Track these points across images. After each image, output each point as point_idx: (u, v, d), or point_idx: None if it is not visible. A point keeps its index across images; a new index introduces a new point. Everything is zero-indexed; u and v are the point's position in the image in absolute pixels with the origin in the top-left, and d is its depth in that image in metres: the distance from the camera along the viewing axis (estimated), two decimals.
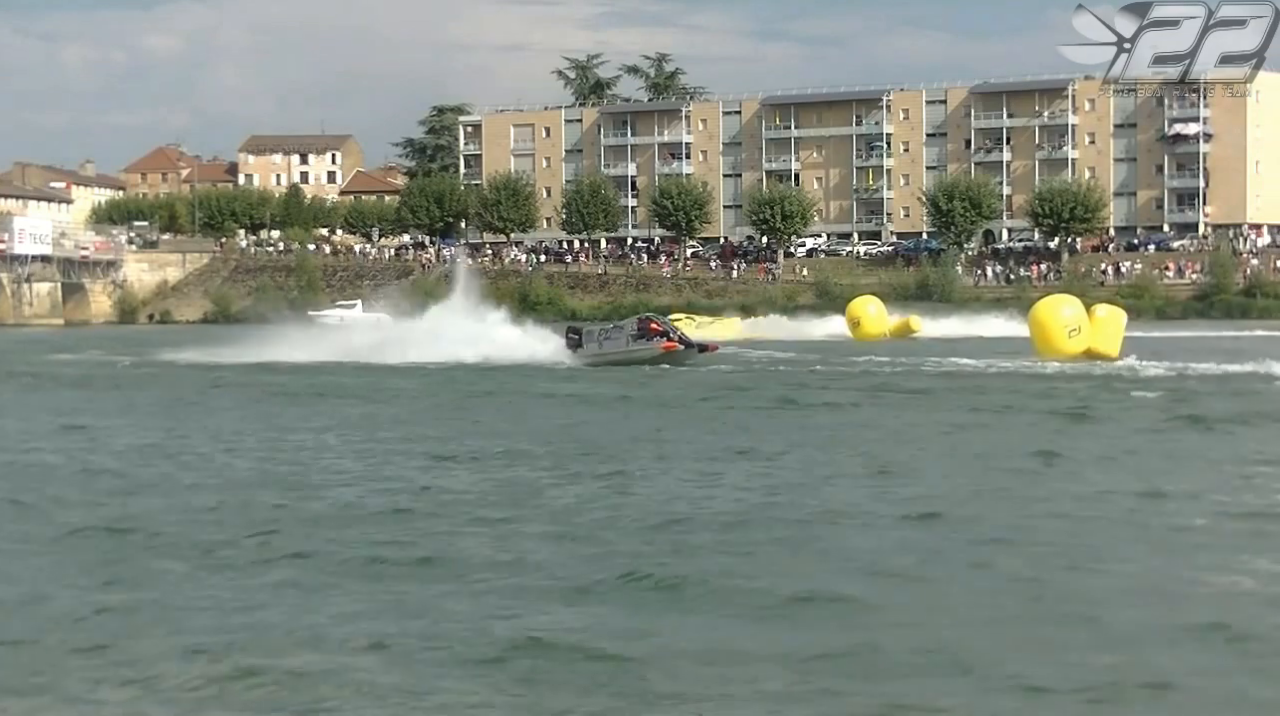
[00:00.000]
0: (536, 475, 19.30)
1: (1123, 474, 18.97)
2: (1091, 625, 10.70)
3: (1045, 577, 12.30)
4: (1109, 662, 9.81)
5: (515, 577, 12.48)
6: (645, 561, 12.95)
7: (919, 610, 11.26)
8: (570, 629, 10.64)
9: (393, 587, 12.14)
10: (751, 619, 11.02)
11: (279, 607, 11.50)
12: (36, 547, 14.46)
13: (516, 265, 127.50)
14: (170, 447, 23.34)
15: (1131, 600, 11.59)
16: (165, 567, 13.24)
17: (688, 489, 17.80)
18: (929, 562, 13.03)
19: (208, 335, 72.23)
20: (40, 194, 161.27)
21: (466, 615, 11.13)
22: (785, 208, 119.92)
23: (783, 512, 15.75)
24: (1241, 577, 12.32)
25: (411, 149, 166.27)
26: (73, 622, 11.24)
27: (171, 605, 11.77)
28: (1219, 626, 10.58)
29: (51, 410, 31.53)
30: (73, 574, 13.11)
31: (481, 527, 15.00)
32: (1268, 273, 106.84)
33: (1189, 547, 13.75)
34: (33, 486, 18.90)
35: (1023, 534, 14.41)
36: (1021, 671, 9.60)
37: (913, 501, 16.46)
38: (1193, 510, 15.80)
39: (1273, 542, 14.06)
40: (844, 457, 21.00)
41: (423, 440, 24.13)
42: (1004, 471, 19.34)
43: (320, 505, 16.76)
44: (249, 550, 13.94)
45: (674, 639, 10.41)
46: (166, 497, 17.61)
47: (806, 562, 13.08)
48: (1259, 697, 9.15)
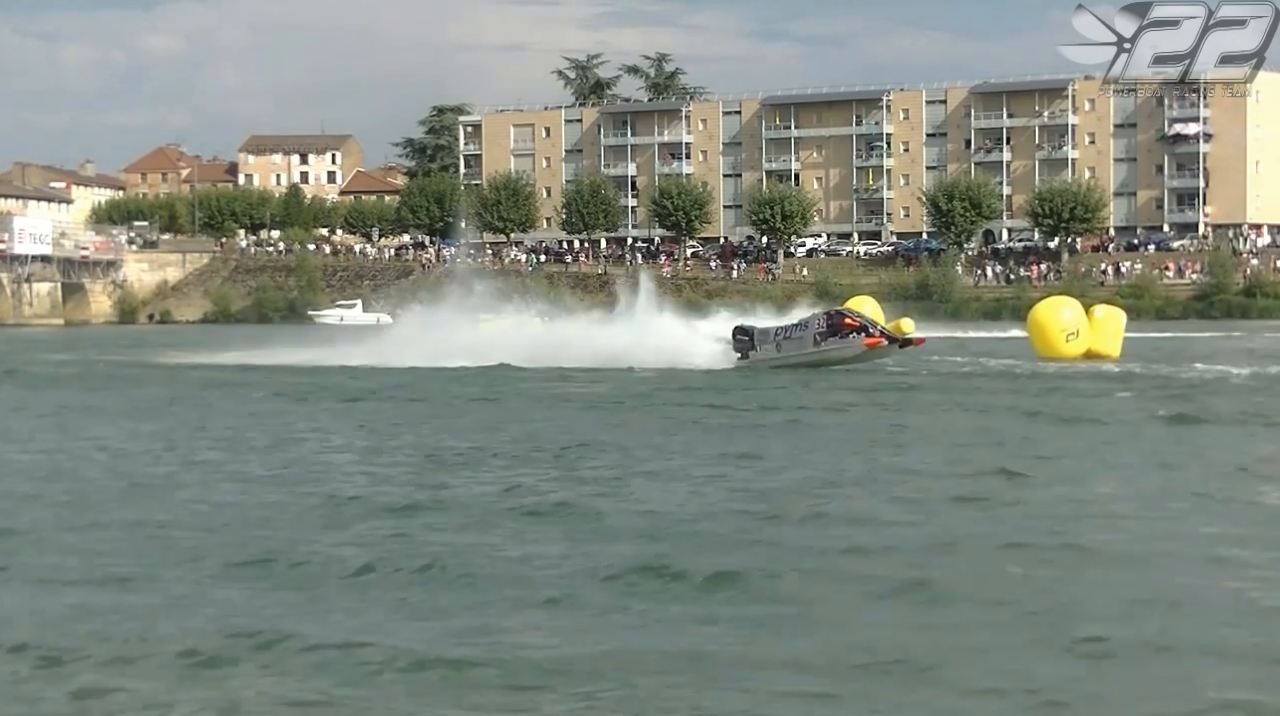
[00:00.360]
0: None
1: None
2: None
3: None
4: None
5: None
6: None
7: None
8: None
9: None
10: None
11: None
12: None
13: (516, 265, 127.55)
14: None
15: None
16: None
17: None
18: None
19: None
20: (40, 194, 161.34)
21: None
22: (785, 208, 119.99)
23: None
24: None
25: (411, 149, 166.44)
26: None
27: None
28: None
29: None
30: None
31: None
32: (1268, 273, 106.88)
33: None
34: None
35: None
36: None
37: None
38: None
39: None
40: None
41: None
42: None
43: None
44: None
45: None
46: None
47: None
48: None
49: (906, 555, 13.35)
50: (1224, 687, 9.31)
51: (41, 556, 14.06)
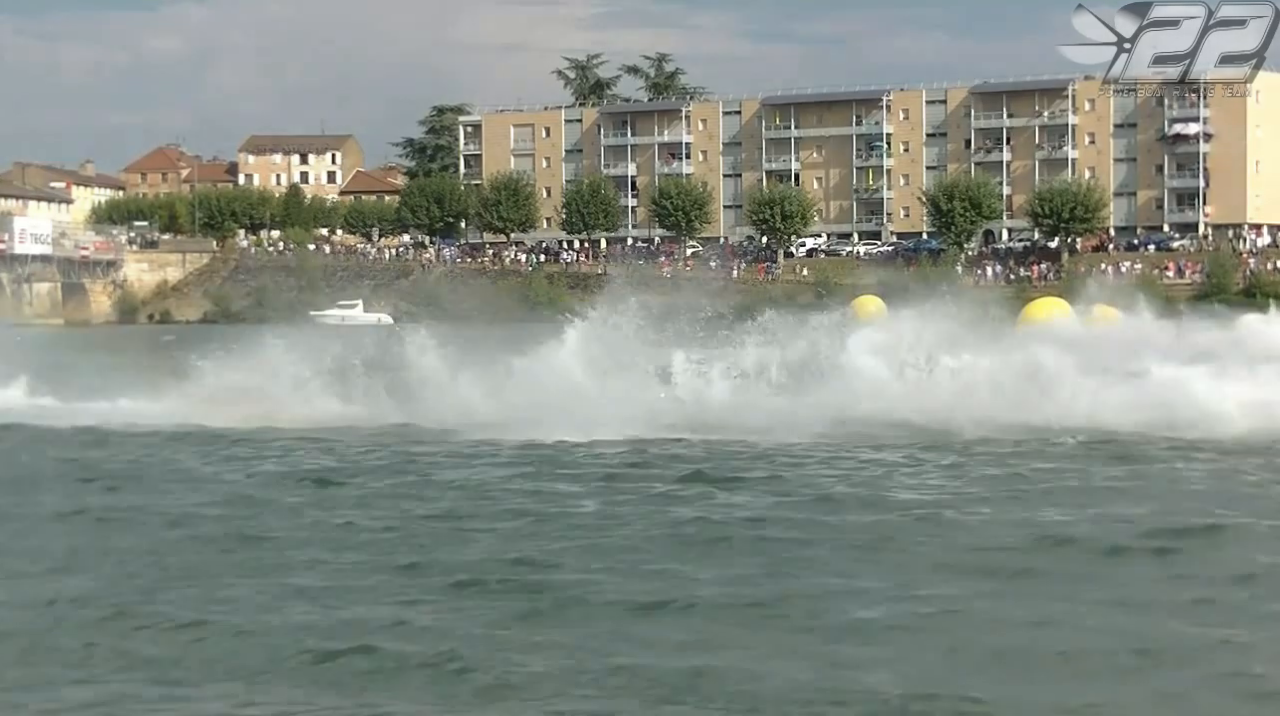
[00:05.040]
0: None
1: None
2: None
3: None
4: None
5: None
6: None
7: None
8: None
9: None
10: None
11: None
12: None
13: (517, 265, 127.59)
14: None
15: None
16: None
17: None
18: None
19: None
20: (40, 194, 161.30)
21: None
22: (785, 208, 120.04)
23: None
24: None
25: (411, 149, 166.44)
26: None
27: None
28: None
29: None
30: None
31: None
32: (1267, 273, 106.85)
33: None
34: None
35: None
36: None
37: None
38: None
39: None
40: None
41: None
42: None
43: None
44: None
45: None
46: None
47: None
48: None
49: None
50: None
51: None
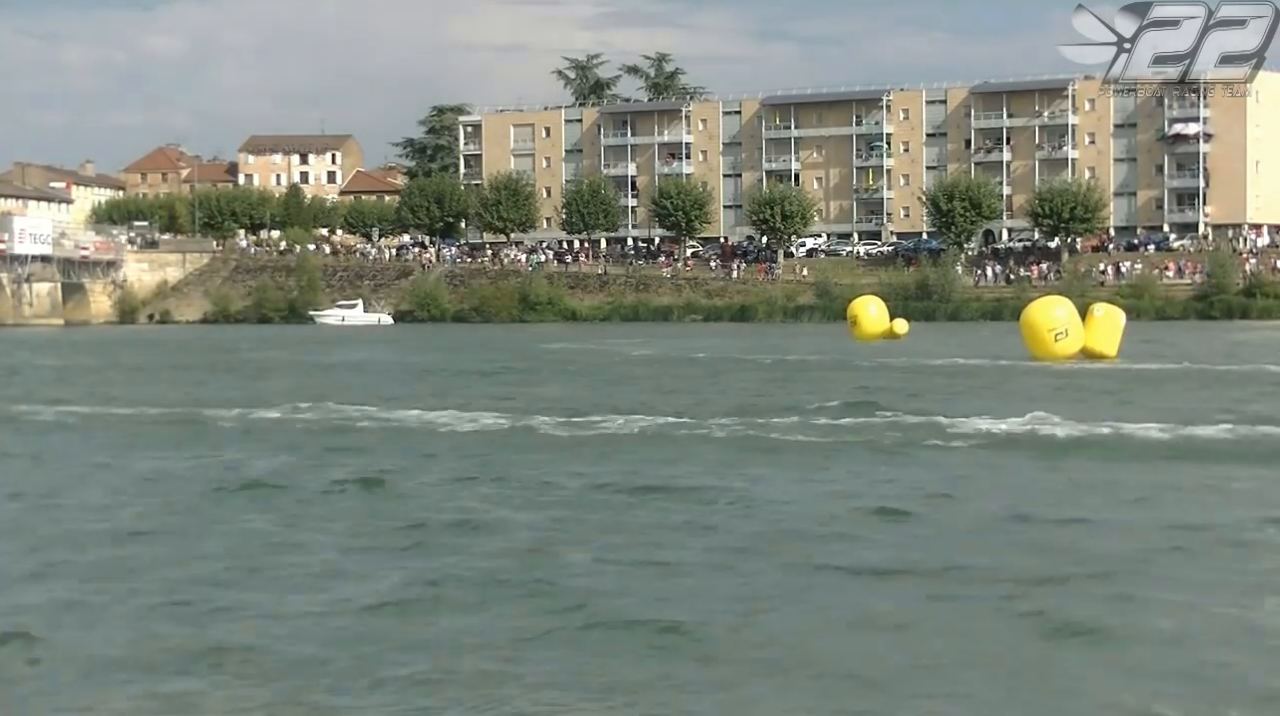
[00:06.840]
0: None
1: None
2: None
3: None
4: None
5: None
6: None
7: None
8: None
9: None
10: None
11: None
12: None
13: (517, 265, 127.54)
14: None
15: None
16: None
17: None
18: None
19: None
20: (40, 194, 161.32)
21: None
22: (785, 208, 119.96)
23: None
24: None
25: (411, 149, 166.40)
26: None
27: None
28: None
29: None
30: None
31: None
32: (1267, 273, 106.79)
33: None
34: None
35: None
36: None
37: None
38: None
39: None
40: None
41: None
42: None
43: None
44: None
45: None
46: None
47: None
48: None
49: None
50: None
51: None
